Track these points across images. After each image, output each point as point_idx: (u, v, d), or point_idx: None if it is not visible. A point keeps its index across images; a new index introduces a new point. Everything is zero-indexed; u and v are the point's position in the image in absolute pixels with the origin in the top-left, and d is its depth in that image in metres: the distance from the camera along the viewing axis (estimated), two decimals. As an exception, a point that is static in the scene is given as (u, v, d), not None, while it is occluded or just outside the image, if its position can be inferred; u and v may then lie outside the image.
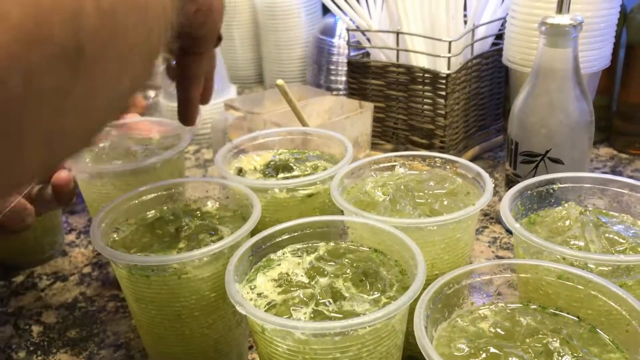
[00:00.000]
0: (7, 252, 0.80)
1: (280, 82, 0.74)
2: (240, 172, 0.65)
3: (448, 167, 0.61)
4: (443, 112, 0.91)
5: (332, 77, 1.23)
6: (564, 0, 0.69)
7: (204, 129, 1.11)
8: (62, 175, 0.54)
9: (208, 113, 1.11)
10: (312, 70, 1.25)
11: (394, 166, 0.61)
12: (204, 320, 0.53)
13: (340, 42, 1.20)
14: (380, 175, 0.61)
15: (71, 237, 0.86)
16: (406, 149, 0.98)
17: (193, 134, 0.69)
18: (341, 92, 1.19)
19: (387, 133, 0.99)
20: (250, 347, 0.62)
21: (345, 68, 1.15)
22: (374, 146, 0.99)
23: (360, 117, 0.89)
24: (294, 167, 0.65)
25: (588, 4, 0.80)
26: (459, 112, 0.94)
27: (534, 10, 0.81)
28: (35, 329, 0.69)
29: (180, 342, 0.54)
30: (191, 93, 0.57)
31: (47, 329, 0.68)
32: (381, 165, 0.62)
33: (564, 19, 0.69)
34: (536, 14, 0.79)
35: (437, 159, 0.62)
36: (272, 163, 0.67)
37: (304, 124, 0.79)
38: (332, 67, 1.22)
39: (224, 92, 1.15)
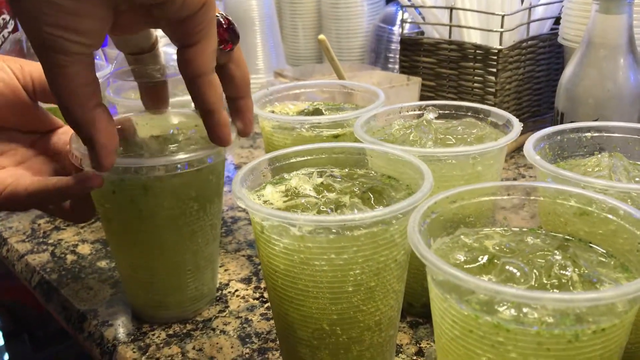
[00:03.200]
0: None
1: (322, 37, 0.75)
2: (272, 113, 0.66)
3: (480, 115, 0.59)
4: (493, 89, 0.89)
5: (390, 65, 1.23)
6: (618, -38, 0.67)
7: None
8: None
9: (255, 87, 1.13)
10: (369, 59, 1.26)
11: (423, 114, 0.60)
12: (186, 229, 0.53)
13: (399, 30, 1.20)
14: (409, 123, 0.60)
15: (117, 187, 0.89)
16: (454, 130, 0.96)
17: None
18: (396, 80, 1.19)
19: (436, 113, 0.98)
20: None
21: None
22: (422, 126, 0.98)
23: (406, 89, 0.89)
24: (326, 113, 0.65)
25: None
26: (511, 92, 0.91)
27: (591, -17, 0.79)
28: (70, 257, 0.71)
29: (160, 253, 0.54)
30: (208, 99, 0.44)
31: (80, 258, 0.71)
32: (410, 112, 0.61)
33: (618, -18, 0.67)
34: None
35: (469, 109, 0.60)
36: (304, 110, 0.67)
37: (342, 78, 0.79)
38: (390, 54, 1.22)
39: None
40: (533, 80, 0.95)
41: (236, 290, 0.63)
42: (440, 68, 0.95)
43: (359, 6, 1.30)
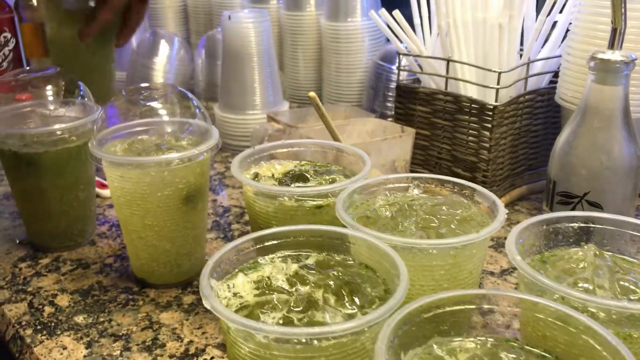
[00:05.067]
0: (39, 235, 0.83)
1: (312, 94, 0.73)
2: (255, 177, 0.65)
3: (466, 193, 0.58)
4: (487, 145, 0.87)
5: (388, 104, 1.22)
6: (616, 35, 0.65)
7: (244, 140, 1.13)
8: None
9: (251, 122, 1.12)
10: (367, 95, 1.25)
11: (408, 187, 0.59)
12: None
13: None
14: (393, 195, 0.59)
15: (103, 228, 0.88)
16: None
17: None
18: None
19: (430, 162, 0.97)
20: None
21: (399, 94, 1.14)
22: (415, 174, 0.96)
23: (399, 141, 0.87)
24: (310, 179, 0.64)
25: (648, 44, 0.75)
26: (506, 147, 0.90)
27: (589, 47, 0.77)
28: (47, 309, 0.70)
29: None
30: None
31: (57, 311, 0.70)
32: (396, 185, 0.60)
33: (615, 55, 0.66)
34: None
35: (455, 184, 0.59)
36: (290, 172, 0.66)
37: (336, 139, 0.78)
38: (389, 93, 1.21)
39: (276, 107, 1.16)
40: (530, 134, 0.94)
41: (212, 358, 0.62)
42: (436, 118, 0.93)
43: (360, 41, 1.29)
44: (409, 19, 0.96)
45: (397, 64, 1.20)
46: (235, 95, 1.13)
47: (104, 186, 0.96)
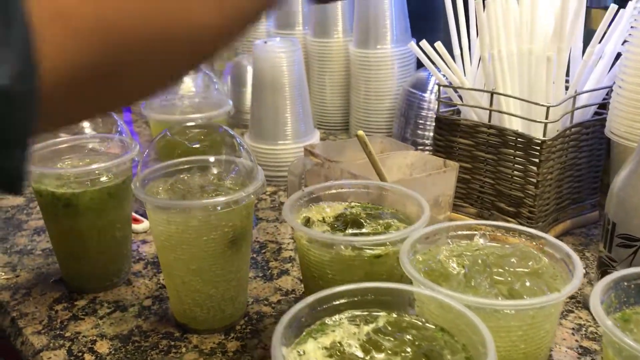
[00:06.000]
0: (73, 276, 0.80)
1: (360, 133, 0.71)
2: (307, 222, 0.63)
3: (534, 242, 0.55)
4: (534, 180, 0.84)
5: (419, 132, 1.19)
6: (682, 73, 0.63)
7: (283, 171, 1.10)
8: None
9: (289, 156, 1.10)
10: (399, 123, 1.22)
11: (473, 235, 0.56)
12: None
13: (431, 97, 1.16)
14: (457, 244, 0.56)
15: (138, 266, 0.86)
16: (490, 215, 0.92)
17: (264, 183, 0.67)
18: (427, 148, 1.15)
19: (472, 196, 0.94)
20: None
21: (434, 124, 1.12)
22: (456, 208, 0.94)
23: (443, 176, 0.85)
24: (365, 224, 0.61)
25: None
26: (552, 182, 0.87)
27: (645, 81, 0.75)
28: (87, 357, 0.68)
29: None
30: None
31: (98, 359, 0.67)
32: (459, 232, 0.57)
33: (680, 93, 0.63)
34: (648, 85, 0.73)
35: (522, 233, 0.56)
36: (342, 216, 0.63)
37: (382, 177, 0.75)
38: (420, 121, 1.18)
39: (307, 137, 1.14)
40: (575, 167, 0.91)
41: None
42: (478, 151, 0.91)
43: (390, 68, 1.27)
44: (445, 46, 0.94)
45: (430, 91, 1.18)
46: (267, 125, 1.11)
47: (136, 221, 0.94)
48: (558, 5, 0.80)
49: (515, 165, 0.86)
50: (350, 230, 0.60)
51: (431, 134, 1.15)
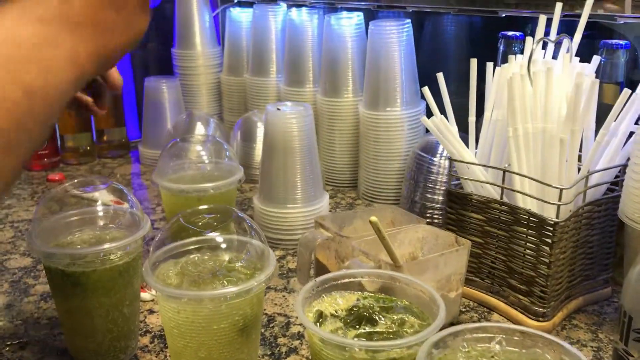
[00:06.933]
0: (81, 352, 0.79)
1: (374, 219, 0.71)
2: (320, 316, 0.62)
3: (553, 350, 0.54)
4: (547, 260, 0.84)
5: (429, 195, 1.19)
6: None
7: (292, 235, 1.10)
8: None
9: (299, 220, 1.10)
10: (408, 186, 1.22)
11: (490, 339, 0.56)
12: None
13: (440, 162, 1.16)
14: (472, 348, 0.55)
15: (145, 340, 0.85)
16: (501, 291, 0.91)
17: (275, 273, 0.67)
18: (436, 213, 1.15)
19: (483, 271, 0.93)
20: None
21: (443, 188, 1.12)
22: (468, 282, 0.93)
23: (455, 255, 0.84)
24: (378, 320, 0.61)
25: None
26: (565, 261, 0.86)
27: (660, 169, 0.75)
28: None
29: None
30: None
31: None
32: (475, 335, 0.56)
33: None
34: (663, 174, 0.73)
35: (539, 338, 0.55)
36: (355, 309, 0.63)
37: (395, 261, 0.75)
38: (430, 185, 1.18)
39: (316, 199, 1.13)
40: (587, 245, 0.90)
41: None
42: (490, 227, 0.90)
43: (400, 130, 1.27)
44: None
45: (439, 155, 1.18)
46: (277, 189, 1.11)
47: (142, 288, 0.93)
48: (571, 87, 0.81)
49: (528, 244, 0.86)
50: (363, 328, 0.60)
51: (440, 197, 1.15)
